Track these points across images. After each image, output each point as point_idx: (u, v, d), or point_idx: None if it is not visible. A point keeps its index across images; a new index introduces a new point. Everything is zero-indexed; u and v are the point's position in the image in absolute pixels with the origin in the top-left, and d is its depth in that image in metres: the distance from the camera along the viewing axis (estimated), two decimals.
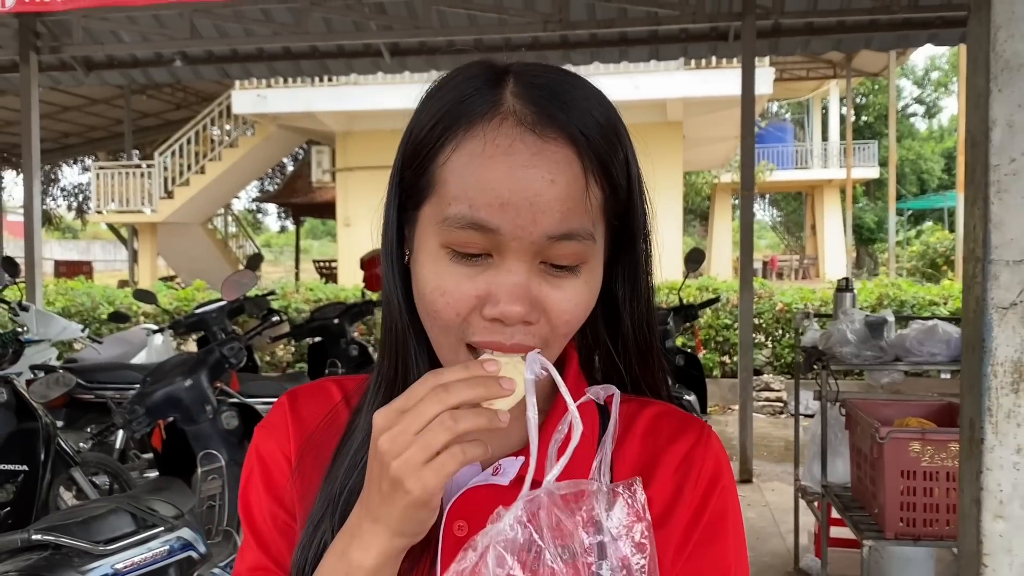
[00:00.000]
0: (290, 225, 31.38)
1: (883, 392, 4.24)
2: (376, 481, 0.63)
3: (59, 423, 4.31)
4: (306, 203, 21.18)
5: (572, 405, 0.63)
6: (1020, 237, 1.53)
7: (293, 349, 8.87)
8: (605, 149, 0.69)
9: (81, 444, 4.30)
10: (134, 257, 19.52)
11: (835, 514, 3.70)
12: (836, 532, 4.06)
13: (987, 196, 1.54)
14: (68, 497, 4.14)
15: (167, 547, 2.53)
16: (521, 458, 0.68)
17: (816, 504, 3.99)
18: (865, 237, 30.18)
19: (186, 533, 2.62)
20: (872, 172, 25.68)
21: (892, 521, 3.01)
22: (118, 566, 2.31)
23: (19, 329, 4.17)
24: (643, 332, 0.80)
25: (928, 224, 28.80)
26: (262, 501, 0.79)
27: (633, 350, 0.80)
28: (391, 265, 0.76)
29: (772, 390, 8.34)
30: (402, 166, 0.73)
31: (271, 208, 33.32)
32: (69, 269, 19.59)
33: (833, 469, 3.71)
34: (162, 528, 2.52)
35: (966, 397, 1.63)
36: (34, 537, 2.17)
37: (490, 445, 0.65)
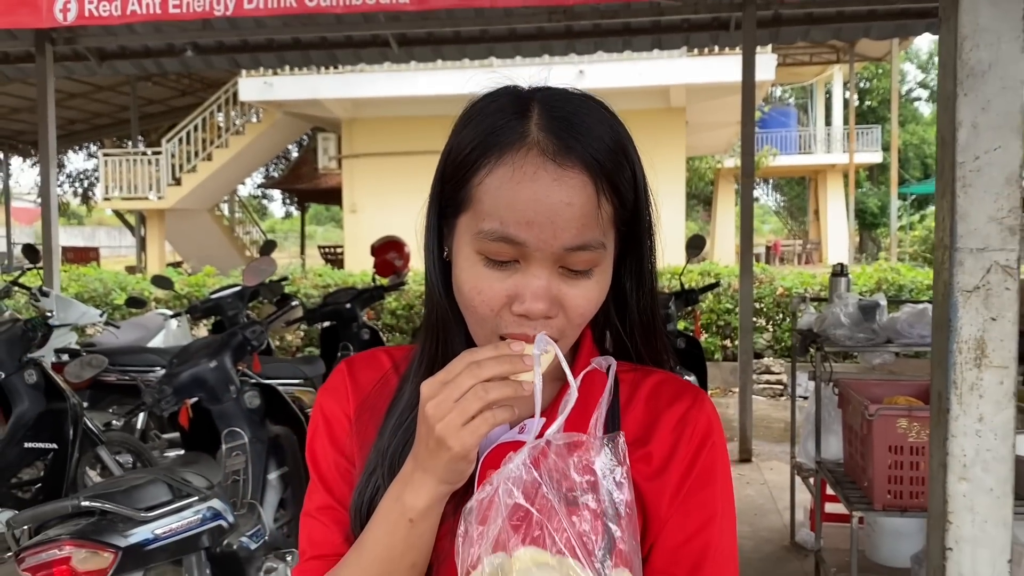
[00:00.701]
0: (295, 211, 31.56)
1: (876, 373, 4.40)
2: (424, 439, 0.79)
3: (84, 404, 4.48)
4: (311, 189, 21.33)
5: (572, 379, 0.78)
6: (983, 227, 1.69)
7: (302, 334, 9.05)
8: (614, 170, 0.83)
9: (114, 422, 4.48)
10: (142, 243, 19.69)
11: (830, 491, 3.88)
12: (831, 508, 4.23)
13: (954, 190, 1.70)
14: (93, 475, 4.32)
15: (199, 516, 2.71)
16: (543, 419, 0.81)
17: (811, 480, 4.17)
18: (868, 222, 30.25)
19: (216, 504, 2.80)
20: (875, 157, 25.74)
21: (880, 493, 3.18)
22: (157, 531, 2.49)
23: (48, 314, 4.34)
24: (647, 315, 0.96)
25: (931, 209, 28.81)
26: (327, 451, 0.95)
27: (639, 329, 0.96)
28: (432, 261, 0.92)
29: (772, 373, 8.50)
30: (443, 179, 0.88)
31: (275, 195, 33.51)
32: (76, 255, 19.75)
33: (827, 446, 3.88)
34: (195, 498, 2.70)
35: (935, 372, 1.79)
36: (83, 504, 2.35)
37: (518, 409, 0.81)
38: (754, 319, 8.01)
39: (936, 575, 1.79)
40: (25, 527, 2.52)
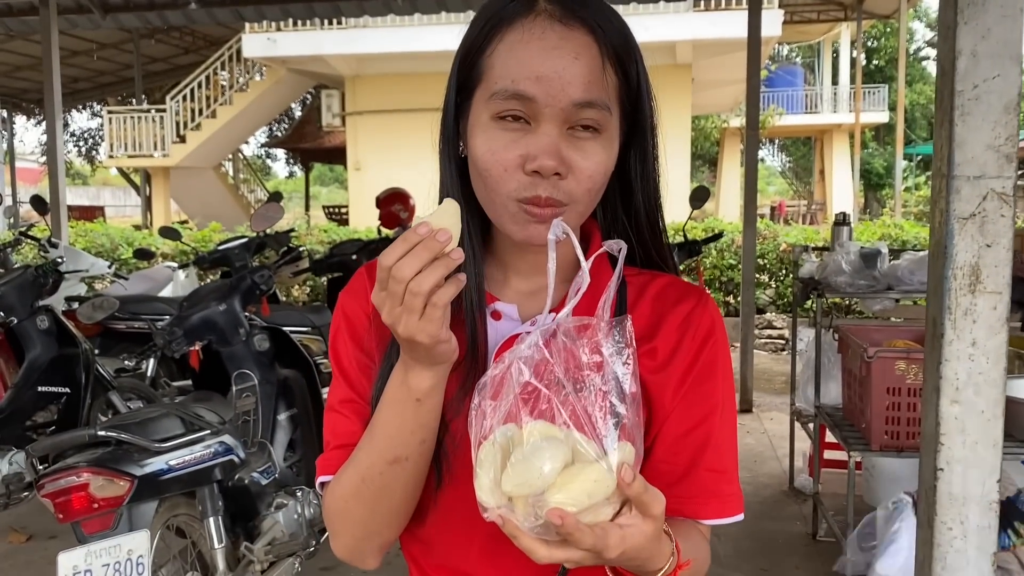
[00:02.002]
0: (298, 171, 31.47)
1: (876, 322, 4.45)
2: (399, 340, 0.83)
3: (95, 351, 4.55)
4: (315, 148, 21.27)
5: (583, 260, 0.81)
6: (980, 155, 1.72)
7: (309, 289, 9.11)
8: (619, 44, 0.89)
9: (126, 363, 4.55)
10: (147, 202, 19.70)
11: (829, 438, 3.95)
12: (829, 455, 4.31)
13: (952, 119, 1.73)
14: (104, 420, 4.39)
15: (212, 450, 2.78)
16: (553, 314, 0.84)
17: (810, 425, 4.23)
18: (874, 182, 30.09)
19: (228, 439, 2.87)
20: (882, 117, 25.52)
21: (878, 434, 3.24)
22: (172, 462, 2.57)
23: (58, 260, 4.39)
24: (652, 208, 1.00)
25: None
26: (348, 348, 1.00)
27: (645, 226, 1.00)
28: (449, 160, 0.96)
29: (774, 328, 8.56)
30: (458, 69, 0.93)
31: (279, 154, 33.40)
32: (82, 214, 19.77)
33: (826, 391, 3.94)
34: (208, 432, 2.77)
35: (931, 298, 1.84)
36: (99, 434, 2.42)
37: (530, 305, 0.89)
38: (756, 275, 8.04)
39: (928, 495, 1.85)
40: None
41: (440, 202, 0.84)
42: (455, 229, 0.79)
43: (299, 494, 3.20)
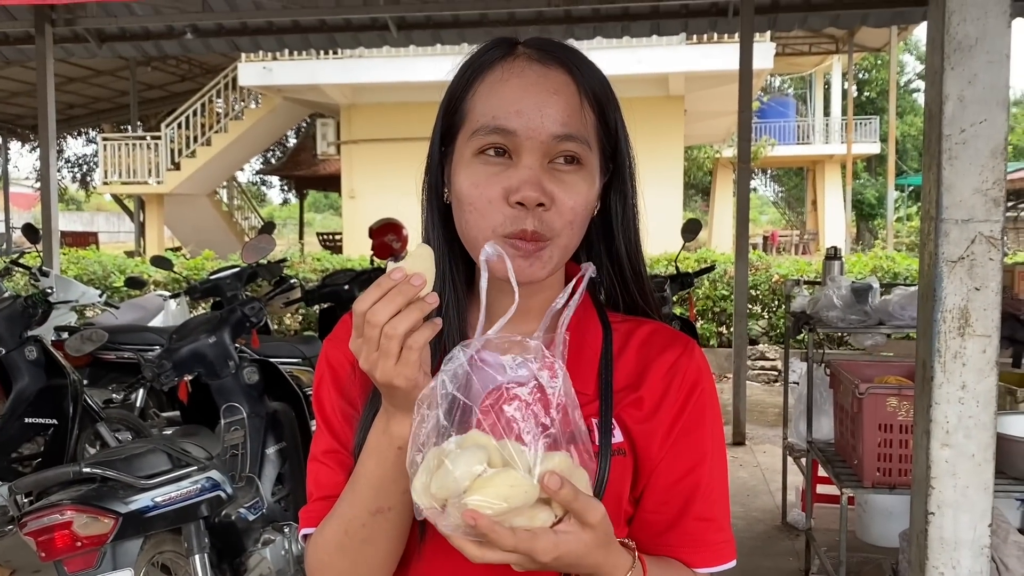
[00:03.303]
0: (293, 198, 31.52)
1: (868, 358, 4.45)
2: (378, 386, 0.83)
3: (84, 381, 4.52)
4: (310, 176, 21.32)
5: (515, 284, 0.81)
6: (968, 199, 1.73)
7: (301, 317, 9.08)
8: (597, 87, 0.92)
9: (114, 396, 4.51)
10: (140, 228, 19.69)
11: (821, 473, 3.93)
12: (822, 489, 4.29)
13: (940, 163, 1.74)
14: (92, 451, 4.35)
15: (198, 486, 2.75)
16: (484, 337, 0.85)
17: (802, 460, 4.21)
18: (866, 213, 30.27)
19: (215, 474, 2.84)
20: (873, 148, 25.73)
21: (870, 471, 3.22)
22: (157, 499, 2.54)
23: (48, 290, 4.37)
24: (634, 253, 1.00)
25: None
26: (332, 397, 1.00)
27: (628, 271, 1.01)
28: (433, 208, 0.97)
29: (767, 359, 8.56)
30: (442, 116, 0.95)
31: (274, 181, 33.47)
32: (75, 240, 19.72)
33: (818, 426, 3.92)
34: (195, 468, 2.74)
35: (920, 341, 1.83)
36: (84, 470, 2.39)
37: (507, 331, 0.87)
38: (749, 306, 8.05)
39: (919, 540, 1.84)
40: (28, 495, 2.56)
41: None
42: (429, 274, 0.80)
43: (287, 530, 3.16)
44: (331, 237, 20.95)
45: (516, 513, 0.72)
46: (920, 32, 32.40)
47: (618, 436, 0.93)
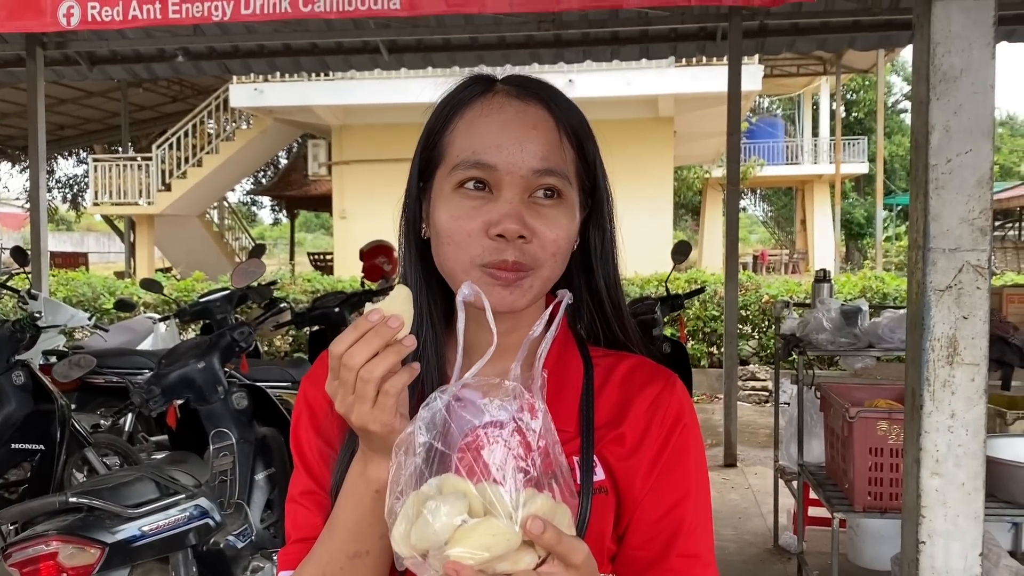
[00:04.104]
0: (284, 218, 31.51)
1: (858, 379, 4.46)
2: (354, 429, 0.82)
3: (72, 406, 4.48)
4: (301, 196, 21.33)
5: (493, 325, 0.78)
6: (955, 228, 1.74)
7: (291, 339, 9.05)
8: (576, 123, 0.92)
9: (102, 422, 4.48)
10: (131, 249, 19.63)
11: (812, 495, 3.92)
12: (813, 512, 4.28)
13: (927, 192, 1.75)
14: (80, 476, 4.31)
15: (187, 514, 2.72)
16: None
17: (794, 483, 4.21)
18: (855, 232, 30.45)
19: (204, 502, 2.82)
20: (862, 168, 25.93)
21: (861, 495, 3.22)
22: (144, 528, 2.51)
23: (36, 315, 4.34)
24: (613, 286, 1.00)
25: None
26: (310, 437, 0.98)
27: (608, 305, 1.00)
28: (411, 244, 0.96)
29: (758, 379, 8.56)
30: (420, 152, 0.95)
31: (264, 201, 33.45)
32: (65, 260, 19.69)
33: (809, 449, 3.93)
34: (183, 496, 2.72)
35: (909, 369, 1.84)
36: (70, 500, 2.37)
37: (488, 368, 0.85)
38: (740, 326, 8.06)
39: (910, 568, 1.83)
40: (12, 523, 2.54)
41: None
42: (407, 315, 0.79)
43: (275, 557, 3.13)
44: (322, 257, 20.94)
45: (499, 559, 0.72)
46: (907, 53, 32.63)
47: (600, 474, 0.93)
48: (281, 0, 2.12)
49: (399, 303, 0.80)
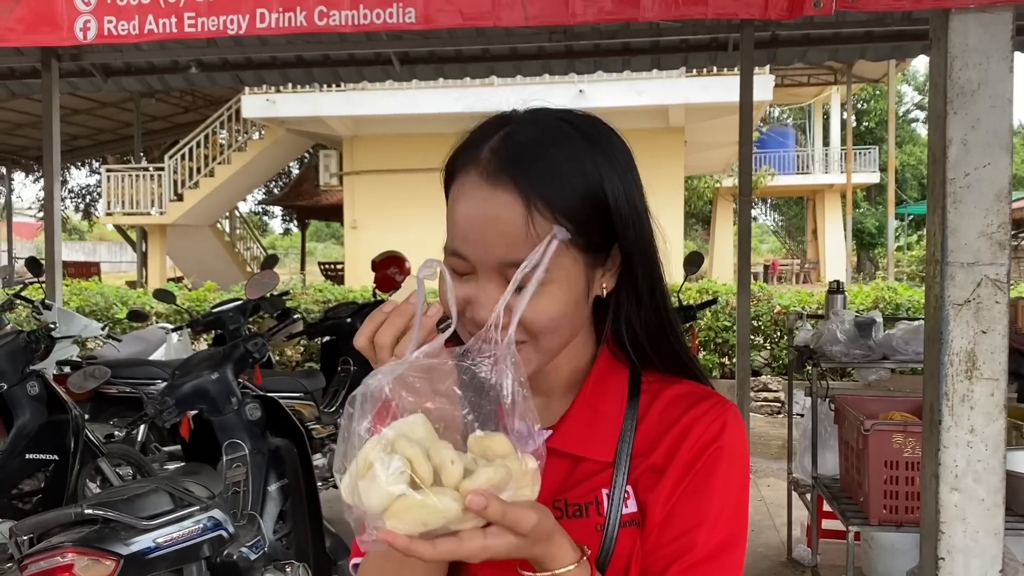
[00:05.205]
0: (295, 228, 31.63)
1: (872, 390, 4.44)
2: None
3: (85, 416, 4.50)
4: (312, 206, 21.41)
5: (419, 315, 0.80)
6: (973, 242, 1.73)
7: (303, 349, 9.07)
8: (566, 195, 0.85)
9: (116, 433, 4.49)
10: (143, 259, 19.73)
11: (827, 507, 3.90)
12: (828, 524, 4.25)
13: (944, 206, 1.74)
14: (93, 487, 4.33)
15: (200, 525, 2.72)
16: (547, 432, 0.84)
17: (808, 496, 4.19)
18: (866, 242, 30.35)
19: (217, 514, 2.82)
20: (873, 177, 25.86)
21: (876, 508, 3.20)
22: (159, 540, 2.51)
23: (51, 326, 4.36)
24: (655, 328, 0.95)
25: None
26: None
27: (646, 342, 0.95)
28: None
29: (770, 390, 8.52)
30: (444, 180, 0.94)
31: (276, 211, 33.59)
32: (77, 270, 19.80)
33: (823, 462, 3.91)
34: (197, 508, 2.72)
35: (927, 384, 1.83)
36: (86, 511, 2.37)
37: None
38: (752, 337, 8.03)
39: None
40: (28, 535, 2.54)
41: None
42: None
43: (288, 569, 3.13)
44: (333, 267, 21.00)
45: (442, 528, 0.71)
46: (918, 63, 32.63)
47: (632, 507, 0.89)
48: (296, 14, 2.12)
49: (406, 292, 0.84)
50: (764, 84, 12.61)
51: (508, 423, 0.76)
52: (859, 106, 30.69)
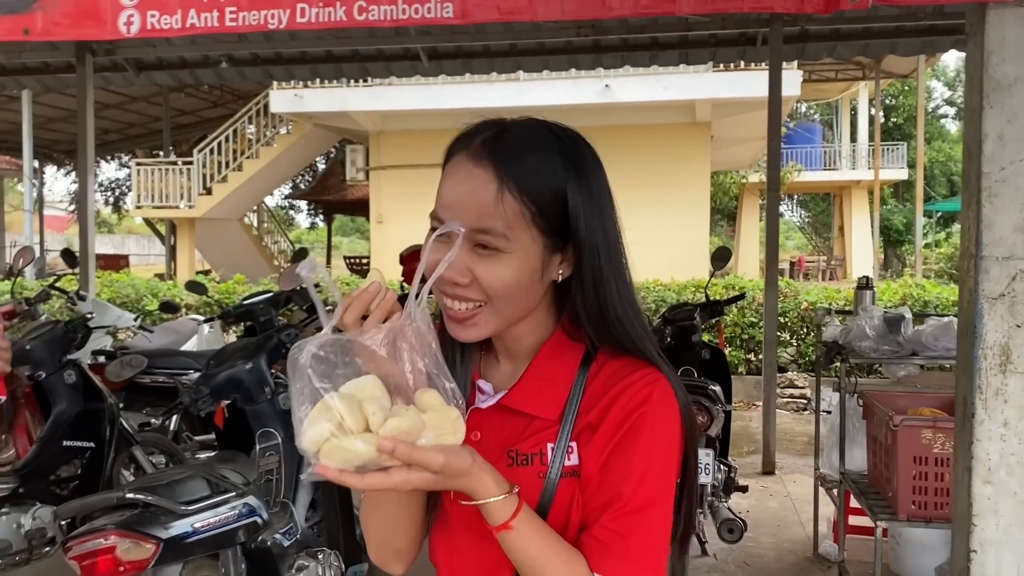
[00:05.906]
0: (320, 222, 31.82)
1: (901, 387, 4.42)
2: None
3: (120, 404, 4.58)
4: (338, 201, 21.56)
5: (322, 312, 0.97)
6: (1008, 236, 1.74)
7: None
8: (528, 181, 1.01)
9: (152, 421, 4.57)
10: (171, 252, 19.96)
11: (853, 503, 3.90)
12: (854, 520, 4.25)
13: (979, 200, 1.75)
14: (128, 474, 4.41)
15: (236, 511, 2.78)
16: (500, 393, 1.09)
17: (835, 491, 4.18)
18: (893, 239, 30.04)
19: (252, 500, 2.88)
20: (901, 174, 25.59)
21: (905, 504, 3.20)
22: (196, 525, 2.58)
23: (88, 315, 4.45)
24: (604, 314, 1.06)
25: (957, 227, 28.51)
26: None
27: (599, 325, 1.07)
28: None
29: (796, 387, 8.49)
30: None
31: (302, 205, 33.80)
32: (107, 262, 20.04)
33: (851, 457, 3.90)
34: (233, 494, 2.78)
35: (960, 377, 1.83)
36: (127, 496, 2.44)
37: (506, 382, 1.09)
38: (778, 333, 8.01)
39: None
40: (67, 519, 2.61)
41: None
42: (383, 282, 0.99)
43: (320, 556, 3.19)
44: (358, 261, 21.13)
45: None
46: (947, 58, 32.15)
47: (574, 459, 1.04)
48: (336, 9, 2.15)
49: (375, 275, 1.00)
50: (792, 79, 12.52)
51: (438, 383, 0.93)
52: (887, 102, 30.37)
